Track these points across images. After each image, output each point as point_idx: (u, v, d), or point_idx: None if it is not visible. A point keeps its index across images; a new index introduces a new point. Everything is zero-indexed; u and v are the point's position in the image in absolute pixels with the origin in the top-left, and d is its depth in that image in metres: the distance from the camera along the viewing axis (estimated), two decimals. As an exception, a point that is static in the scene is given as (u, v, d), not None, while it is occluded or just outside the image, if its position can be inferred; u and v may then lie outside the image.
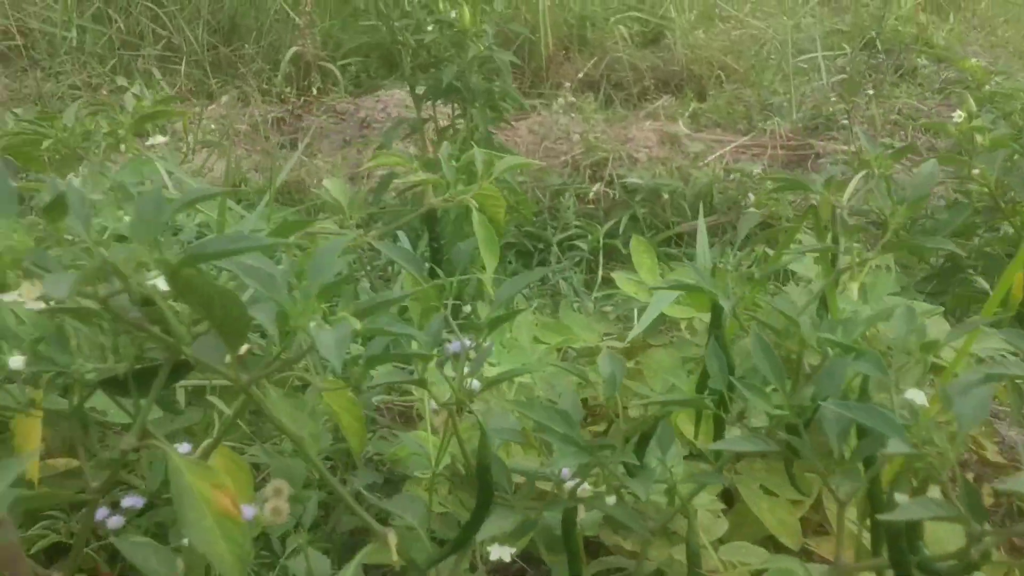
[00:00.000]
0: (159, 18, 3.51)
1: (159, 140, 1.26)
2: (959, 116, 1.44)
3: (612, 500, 0.83)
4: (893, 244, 0.85)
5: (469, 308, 0.89)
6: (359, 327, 0.58)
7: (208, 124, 2.73)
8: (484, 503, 0.85)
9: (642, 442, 0.94)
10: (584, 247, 2.34)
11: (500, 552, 0.85)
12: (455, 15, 1.83)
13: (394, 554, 0.73)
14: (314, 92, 3.38)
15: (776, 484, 1.16)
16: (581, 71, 3.45)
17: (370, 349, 0.75)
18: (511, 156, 1.01)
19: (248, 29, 3.56)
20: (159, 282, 0.55)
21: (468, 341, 0.87)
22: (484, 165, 0.95)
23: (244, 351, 0.71)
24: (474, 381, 0.88)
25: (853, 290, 0.90)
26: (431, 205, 0.98)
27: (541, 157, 2.75)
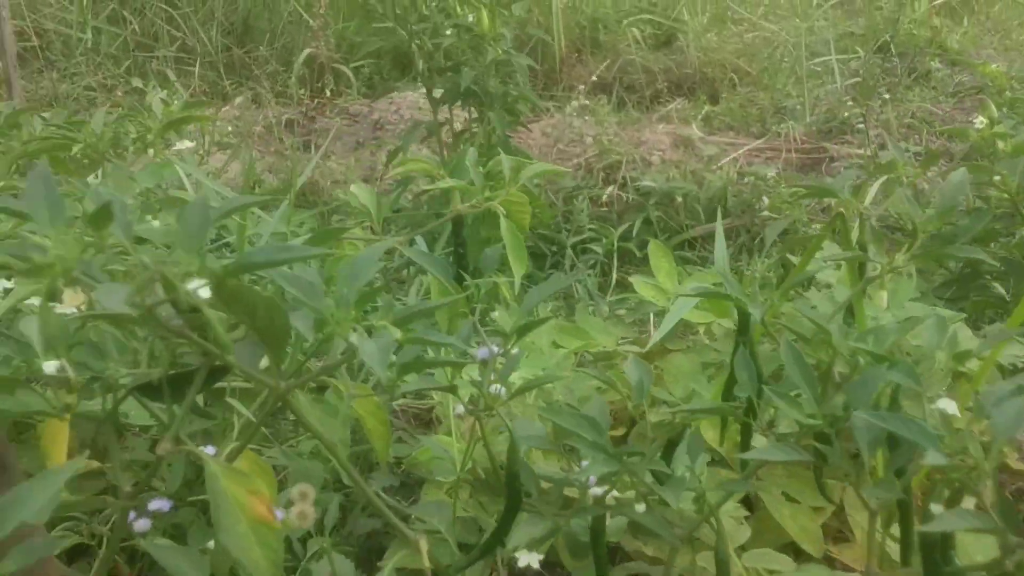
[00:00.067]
0: (173, 20, 3.52)
1: (186, 145, 1.26)
2: (981, 122, 1.43)
3: (642, 508, 0.83)
4: (922, 252, 0.85)
5: (496, 314, 0.89)
6: (400, 336, 0.59)
7: (224, 126, 2.73)
8: (513, 509, 0.86)
9: (668, 449, 0.94)
10: (599, 250, 2.33)
11: (529, 559, 0.85)
12: (473, 19, 1.83)
13: (426, 560, 0.74)
14: (327, 94, 3.39)
15: (797, 490, 1.16)
16: (594, 73, 3.45)
17: (402, 356, 0.75)
18: (538, 163, 1.02)
19: (262, 31, 3.57)
20: (202, 290, 0.55)
21: (496, 347, 0.87)
22: (511, 171, 0.95)
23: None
24: (500, 387, 0.88)
25: (883, 298, 0.90)
26: (458, 211, 0.98)
27: (554, 159, 2.75)
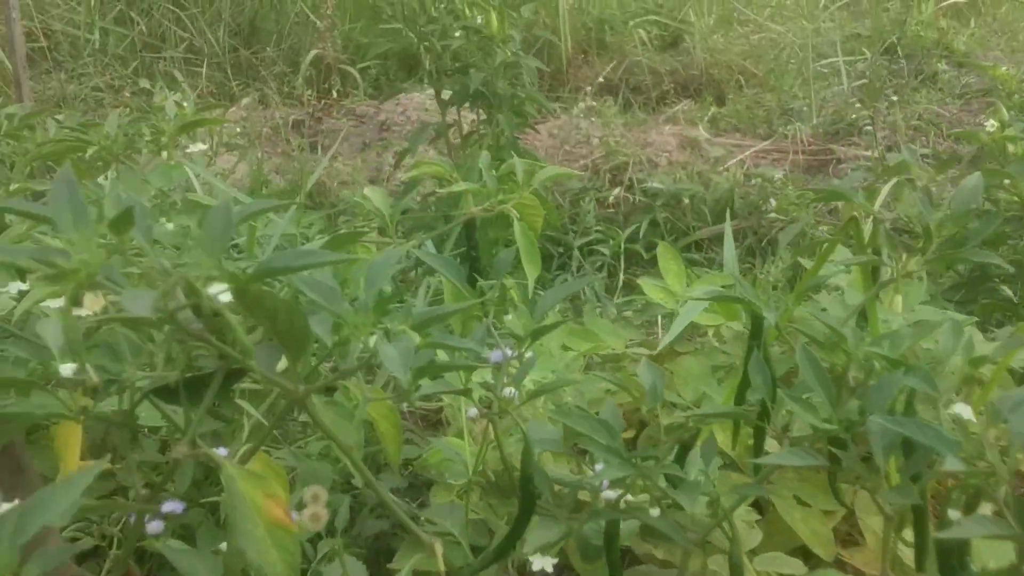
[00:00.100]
0: (181, 20, 3.53)
1: (199, 148, 1.27)
2: (991, 125, 1.43)
3: (656, 512, 0.83)
4: (936, 256, 0.85)
5: (509, 317, 0.89)
6: (419, 341, 0.59)
7: (232, 127, 2.74)
8: (526, 512, 0.86)
9: (681, 452, 0.94)
10: (605, 252, 2.33)
11: (542, 563, 0.85)
12: (481, 21, 1.84)
13: (441, 564, 0.74)
14: (334, 95, 3.39)
15: (808, 494, 1.15)
16: (600, 75, 3.45)
17: (417, 360, 0.75)
18: (551, 166, 1.02)
19: (269, 32, 3.57)
20: (223, 295, 0.55)
21: (510, 351, 0.87)
22: (525, 175, 0.95)
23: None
24: (513, 390, 0.88)
25: (898, 302, 0.90)
26: (471, 214, 0.98)
27: (561, 161, 2.75)
